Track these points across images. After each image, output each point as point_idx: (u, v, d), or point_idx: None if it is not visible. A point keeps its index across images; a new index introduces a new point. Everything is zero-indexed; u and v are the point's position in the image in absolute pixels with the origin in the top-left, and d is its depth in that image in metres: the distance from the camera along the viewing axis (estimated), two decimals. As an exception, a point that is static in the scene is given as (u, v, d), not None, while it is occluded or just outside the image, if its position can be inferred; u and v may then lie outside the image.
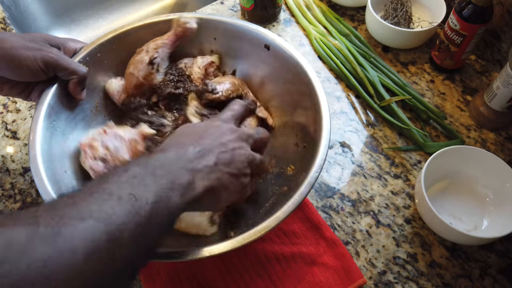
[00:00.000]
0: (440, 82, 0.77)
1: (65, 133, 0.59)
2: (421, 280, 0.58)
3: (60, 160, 0.57)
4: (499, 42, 0.74)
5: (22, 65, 0.53)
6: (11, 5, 0.94)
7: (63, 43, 0.60)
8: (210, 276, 0.57)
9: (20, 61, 0.53)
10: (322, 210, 0.64)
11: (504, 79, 0.64)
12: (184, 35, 0.64)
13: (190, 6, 1.15)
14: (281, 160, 0.61)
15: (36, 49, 0.54)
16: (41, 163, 0.52)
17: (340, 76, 0.78)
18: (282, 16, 0.88)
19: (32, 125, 0.55)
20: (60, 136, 0.58)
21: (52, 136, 0.57)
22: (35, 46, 0.54)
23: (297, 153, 0.60)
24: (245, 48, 0.66)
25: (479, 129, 0.71)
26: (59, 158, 0.57)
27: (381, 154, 0.69)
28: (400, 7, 0.80)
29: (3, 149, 0.71)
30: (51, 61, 0.55)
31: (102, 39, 0.63)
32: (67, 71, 0.57)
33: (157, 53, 0.63)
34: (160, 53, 0.63)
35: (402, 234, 0.62)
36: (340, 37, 0.82)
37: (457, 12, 0.68)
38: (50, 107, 0.57)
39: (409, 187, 0.66)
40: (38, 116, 0.56)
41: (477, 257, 0.59)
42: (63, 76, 0.57)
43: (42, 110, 0.56)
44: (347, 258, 0.58)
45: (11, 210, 0.64)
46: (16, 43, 0.53)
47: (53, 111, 0.57)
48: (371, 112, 0.74)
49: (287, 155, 0.61)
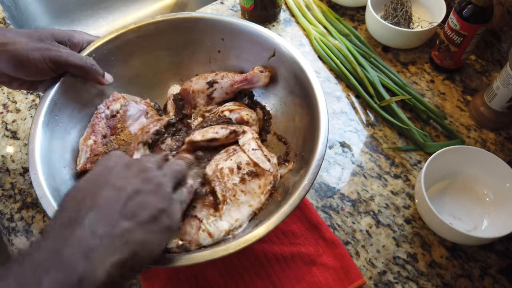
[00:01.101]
0: (440, 82, 0.77)
1: (67, 128, 0.60)
2: (421, 280, 0.58)
3: (60, 156, 0.57)
4: (499, 42, 0.74)
5: (32, 66, 0.54)
6: (11, 5, 0.94)
7: (70, 37, 0.60)
8: (210, 276, 0.57)
9: (30, 62, 0.54)
10: (322, 210, 0.64)
11: (504, 79, 0.64)
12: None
13: (190, 6, 1.15)
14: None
15: (45, 49, 0.55)
16: (39, 157, 0.53)
17: (340, 76, 0.78)
18: (282, 16, 0.88)
19: (34, 119, 0.56)
20: (62, 131, 0.59)
21: (53, 131, 0.57)
22: (43, 46, 0.55)
23: (294, 165, 0.60)
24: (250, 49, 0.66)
25: (479, 129, 0.71)
26: (59, 153, 0.57)
27: (381, 154, 0.69)
28: (400, 7, 0.80)
29: (3, 149, 0.71)
30: (60, 60, 0.56)
31: (109, 36, 0.64)
32: (76, 69, 0.58)
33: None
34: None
35: (402, 234, 0.62)
36: (340, 37, 0.82)
37: (457, 12, 0.68)
38: (53, 102, 0.58)
39: (409, 187, 0.66)
40: (41, 110, 0.56)
41: (477, 257, 0.59)
42: (74, 73, 0.59)
43: (45, 105, 0.57)
44: (346, 258, 0.58)
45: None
46: (25, 44, 0.54)
47: (56, 106, 0.58)
48: (371, 112, 0.74)
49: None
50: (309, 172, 0.51)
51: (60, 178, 0.55)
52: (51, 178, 0.52)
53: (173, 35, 0.67)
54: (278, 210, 0.48)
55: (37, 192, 0.50)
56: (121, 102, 0.63)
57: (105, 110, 0.62)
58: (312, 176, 0.51)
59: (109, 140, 0.61)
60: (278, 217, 0.48)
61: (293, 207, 0.48)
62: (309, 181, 0.50)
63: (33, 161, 0.52)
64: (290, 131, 0.63)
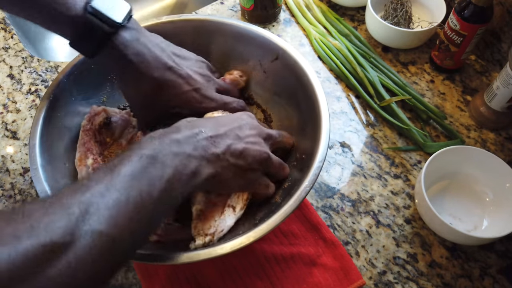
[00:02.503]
0: (440, 82, 0.77)
1: (68, 125, 0.60)
2: (421, 280, 0.58)
3: (61, 153, 0.58)
4: (499, 42, 0.74)
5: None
6: (11, 5, 0.94)
7: None
8: (209, 277, 0.57)
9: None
10: (322, 210, 0.64)
11: (504, 79, 0.64)
12: None
13: (190, 6, 1.15)
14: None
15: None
16: (39, 154, 0.53)
17: (340, 76, 0.78)
18: (282, 16, 0.88)
19: (35, 117, 0.56)
20: (63, 128, 0.59)
21: (54, 128, 0.58)
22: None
23: (295, 167, 0.60)
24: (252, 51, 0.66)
25: (479, 129, 0.71)
26: (61, 151, 0.58)
27: (381, 154, 0.69)
28: (400, 7, 0.80)
29: (3, 149, 0.71)
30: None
31: None
32: None
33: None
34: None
35: (402, 234, 0.62)
36: (340, 37, 0.82)
37: (457, 12, 0.68)
38: (55, 99, 0.58)
39: (409, 187, 0.66)
40: (42, 108, 0.57)
41: (477, 257, 0.59)
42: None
43: (46, 102, 0.57)
44: (346, 259, 0.58)
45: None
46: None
47: (57, 103, 0.58)
48: (371, 112, 0.74)
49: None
50: (310, 173, 0.51)
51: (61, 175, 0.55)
52: (50, 173, 0.53)
53: (173, 36, 0.67)
54: (278, 210, 0.48)
55: (37, 188, 0.50)
56: (103, 115, 0.62)
57: (89, 125, 0.61)
58: (313, 177, 0.51)
59: (103, 156, 0.60)
60: (278, 216, 0.48)
61: (294, 207, 0.48)
62: (310, 182, 0.50)
63: (33, 157, 0.53)
64: (290, 132, 0.63)
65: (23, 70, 0.80)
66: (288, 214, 0.48)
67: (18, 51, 0.83)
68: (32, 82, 0.78)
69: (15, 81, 0.78)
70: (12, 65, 0.81)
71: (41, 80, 0.78)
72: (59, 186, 0.53)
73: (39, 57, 0.82)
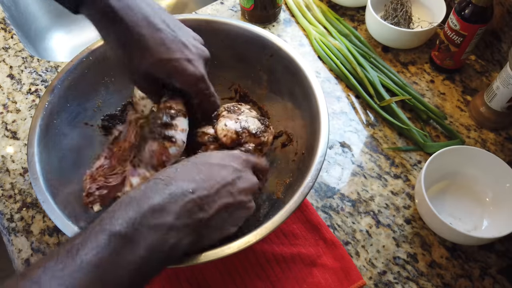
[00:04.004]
0: (440, 82, 0.77)
1: (65, 132, 0.60)
2: (421, 280, 0.58)
3: (59, 160, 0.57)
4: (499, 42, 0.74)
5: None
6: (11, 5, 0.94)
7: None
8: (210, 277, 0.57)
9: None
10: (322, 210, 0.64)
11: (504, 79, 0.64)
12: None
13: (190, 6, 1.15)
14: (283, 171, 0.61)
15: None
16: (38, 162, 0.53)
17: (340, 76, 0.78)
18: (282, 16, 0.88)
19: (32, 124, 0.56)
20: (60, 134, 0.59)
21: (51, 135, 0.57)
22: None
23: (295, 163, 0.60)
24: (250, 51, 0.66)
25: (479, 129, 0.71)
26: (59, 157, 0.57)
27: (381, 154, 0.69)
28: (400, 7, 0.80)
29: (3, 149, 0.71)
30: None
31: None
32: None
33: None
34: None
35: (402, 234, 0.62)
36: (340, 37, 0.82)
37: (457, 12, 0.68)
38: (52, 104, 0.58)
39: (409, 187, 0.66)
40: (38, 116, 0.56)
41: (477, 257, 0.59)
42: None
43: (42, 110, 0.57)
44: (346, 259, 0.58)
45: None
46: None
47: (55, 108, 0.58)
48: (371, 112, 0.74)
49: (287, 166, 0.61)
50: (310, 173, 0.51)
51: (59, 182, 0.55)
52: (52, 184, 0.53)
53: None
54: (279, 210, 0.48)
55: (39, 197, 0.50)
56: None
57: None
58: (315, 172, 0.51)
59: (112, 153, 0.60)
60: (279, 216, 0.48)
61: (298, 203, 0.48)
62: (313, 177, 0.50)
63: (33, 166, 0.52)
64: (290, 131, 0.63)
65: (23, 70, 0.80)
66: (293, 210, 0.48)
67: (18, 51, 0.83)
68: (32, 82, 0.78)
69: (15, 81, 0.78)
70: (12, 65, 0.81)
71: (41, 80, 0.78)
72: (59, 193, 0.53)
73: (39, 57, 0.82)
